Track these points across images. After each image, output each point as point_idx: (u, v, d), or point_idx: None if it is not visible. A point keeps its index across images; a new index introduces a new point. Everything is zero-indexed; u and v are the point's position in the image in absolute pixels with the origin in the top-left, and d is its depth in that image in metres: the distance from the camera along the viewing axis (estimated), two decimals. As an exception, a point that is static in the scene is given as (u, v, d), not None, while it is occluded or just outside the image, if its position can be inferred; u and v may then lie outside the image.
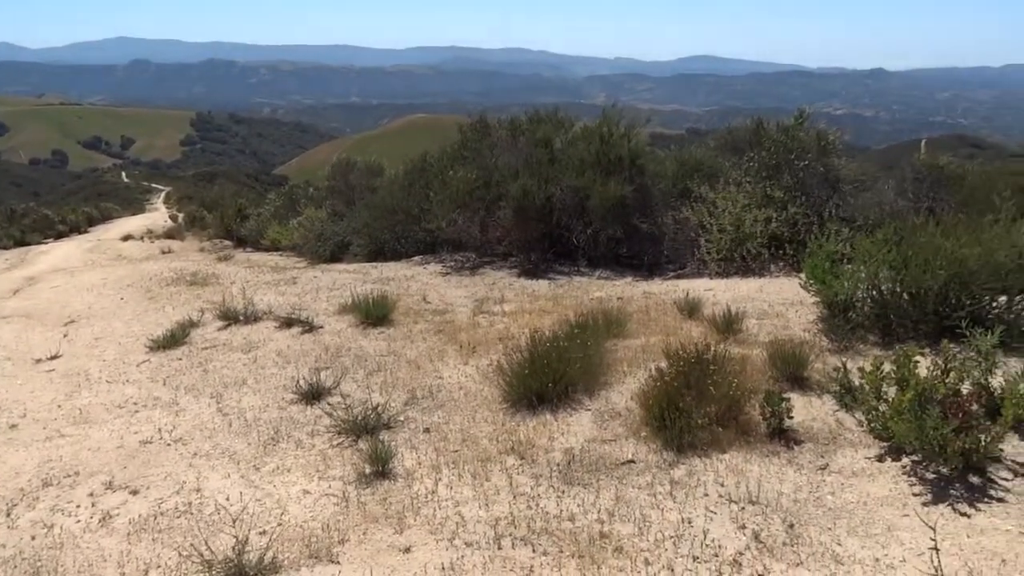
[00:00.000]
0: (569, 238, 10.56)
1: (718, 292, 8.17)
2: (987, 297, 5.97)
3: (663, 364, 5.19)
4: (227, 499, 4.30)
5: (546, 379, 5.17)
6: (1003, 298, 6.04)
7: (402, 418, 5.21)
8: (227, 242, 19.72)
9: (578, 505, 3.99)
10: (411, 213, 11.61)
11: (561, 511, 3.94)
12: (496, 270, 10.26)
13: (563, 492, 4.14)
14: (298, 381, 5.74)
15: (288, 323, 7.45)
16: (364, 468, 4.46)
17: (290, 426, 5.22)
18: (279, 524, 4.01)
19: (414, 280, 9.71)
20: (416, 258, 11.51)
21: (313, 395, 5.58)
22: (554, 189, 10.36)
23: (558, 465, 4.43)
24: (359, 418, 4.98)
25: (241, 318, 7.72)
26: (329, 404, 5.39)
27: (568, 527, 3.80)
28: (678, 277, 9.60)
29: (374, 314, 7.36)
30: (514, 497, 4.11)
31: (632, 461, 4.47)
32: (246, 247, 18.13)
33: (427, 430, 5.03)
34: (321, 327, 7.36)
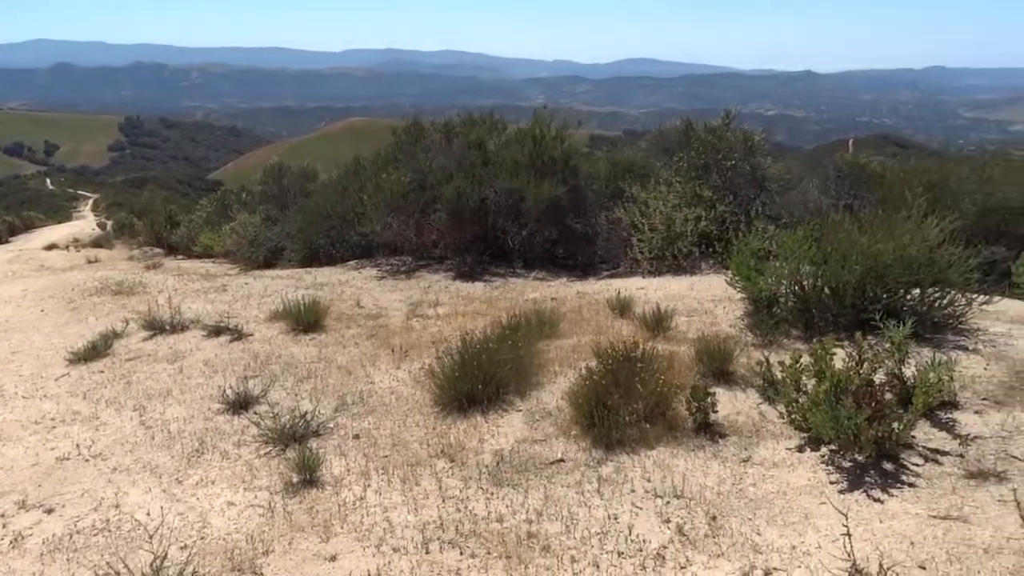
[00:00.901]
0: (504, 240, 10.61)
1: (650, 291, 8.30)
2: (901, 290, 6.22)
3: (593, 363, 5.27)
4: (147, 514, 4.17)
5: (477, 381, 5.17)
6: (916, 291, 6.29)
7: (332, 425, 5.15)
8: (157, 250, 19.20)
9: (507, 506, 4.01)
10: (345, 217, 11.48)
11: (490, 512, 3.95)
12: (432, 273, 10.22)
13: (492, 494, 4.14)
14: (225, 391, 5.61)
15: (216, 331, 7.28)
16: (291, 477, 4.39)
17: (216, 437, 5.10)
18: (201, 538, 3.91)
19: (348, 285, 9.60)
20: (351, 262, 11.39)
21: (240, 404, 5.47)
22: (488, 191, 10.38)
23: (488, 467, 4.43)
24: (287, 426, 4.89)
25: (168, 327, 7.51)
26: (257, 413, 5.29)
27: (496, 528, 3.81)
28: (612, 276, 9.72)
29: (306, 320, 7.25)
30: (443, 500, 4.10)
31: (562, 460, 4.50)
32: (177, 254, 17.68)
33: (357, 436, 4.98)
34: (251, 335, 7.21)
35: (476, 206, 10.25)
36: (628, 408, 4.68)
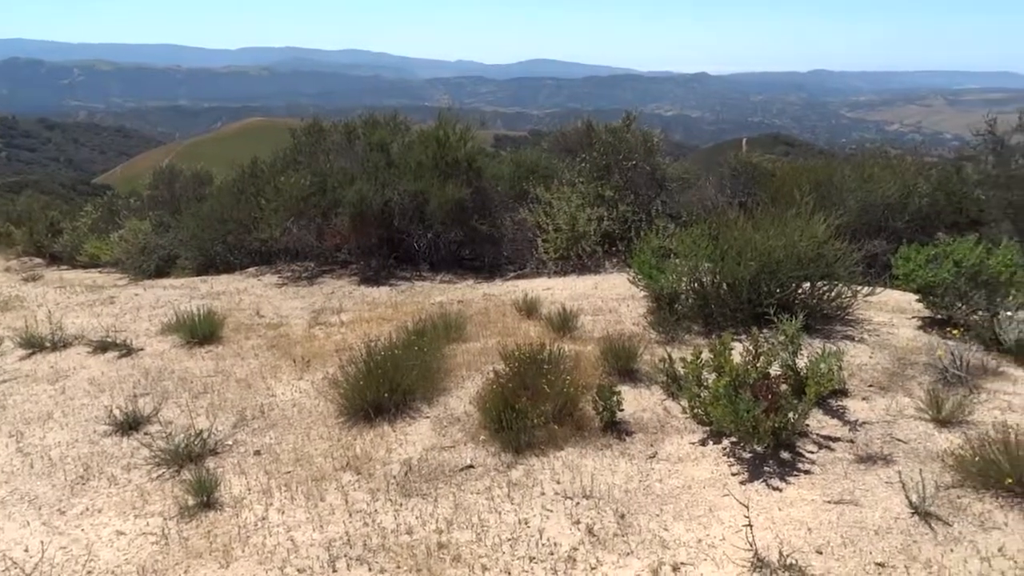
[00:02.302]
0: (410, 243, 10.47)
1: (556, 291, 8.36)
2: (793, 284, 6.48)
3: (501, 366, 5.25)
4: (25, 551, 3.86)
5: (382, 389, 5.06)
6: (806, 285, 6.58)
7: (231, 442, 4.92)
8: (38, 260, 17.91)
9: (416, 517, 3.93)
10: (243, 222, 11.04)
11: (399, 525, 3.86)
12: (336, 279, 9.97)
13: (401, 505, 4.06)
14: (113, 411, 5.27)
15: (103, 347, 6.84)
16: (187, 500, 4.16)
17: (102, 461, 4.78)
18: (87, 572, 3.65)
19: (247, 293, 9.24)
20: (251, 269, 10.97)
21: (130, 425, 5.15)
22: (392, 193, 10.21)
23: (395, 477, 4.34)
24: (182, 446, 4.65)
25: (48, 345, 7.00)
26: (148, 434, 5.01)
27: (406, 541, 3.73)
28: (518, 277, 9.75)
29: (201, 332, 6.92)
30: (350, 515, 3.98)
31: (471, 466, 4.46)
32: (60, 265, 16.56)
33: (258, 452, 4.78)
34: (141, 349, 6.82)
35: (380, 209, 10.07)
36: (536, 410, 4.69)
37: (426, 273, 10.16)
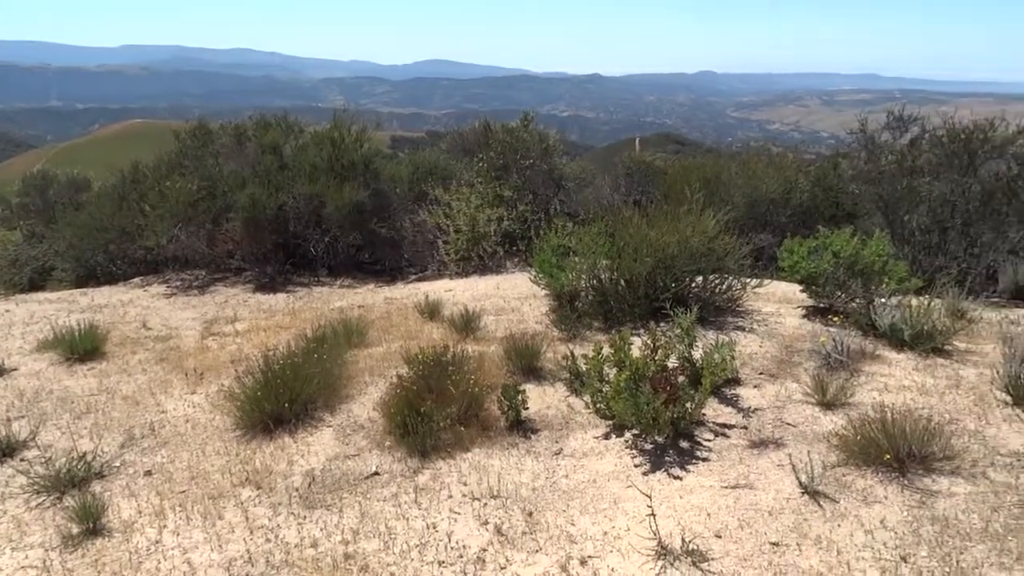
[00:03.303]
0: (307, 248, 10.21)
1: (458, 292, 8.34)
2: (686, 279, 6.72)
3: (404, 370, 5.19)
4: None
5: (282, 399, 4.90)
6: (699, 278, 6.83)
7: (118, 464, 4.65)
8: None
9: (321, 529, 3.82)
10: (125, 230, 10.46)
11: (303, 539, 3.75)
12: (229, 287, 9.60)
13: (305, 518, 3.94)
14: (-17, 436, 4.88)
15: (-30, 368, 6.34)
16: (71, 528, 3.90)
17: (-27, 492, 4.42)
18: (-42, 613, 3.37)
19: (133, 305, 8.77)
20: (136, 280, 10.41)
21: (4, 451, 4.78)
22: (286, 197, 9.93)
23: (298, 490, 4.21)
24: (63, 471, 4.35)
25: (-94, 368, 6.42)
26: (25, 459, 4.66)
27: (311, 554, 3.63)
28: (420, 280, 9.67)
29: (82, 348, 6.51)
30: (251, 532, 3.83)
31: (377, 473, 4.38)
32: (-82, 281, 15.24)
33: (149, 473, 4.54)
34: (15, 369, 6.35)
35: (274, 213, 9.77)
36: (442, 413, 4.66)
37: (325, 278, 9.93)
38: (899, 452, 3.99)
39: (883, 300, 6.28)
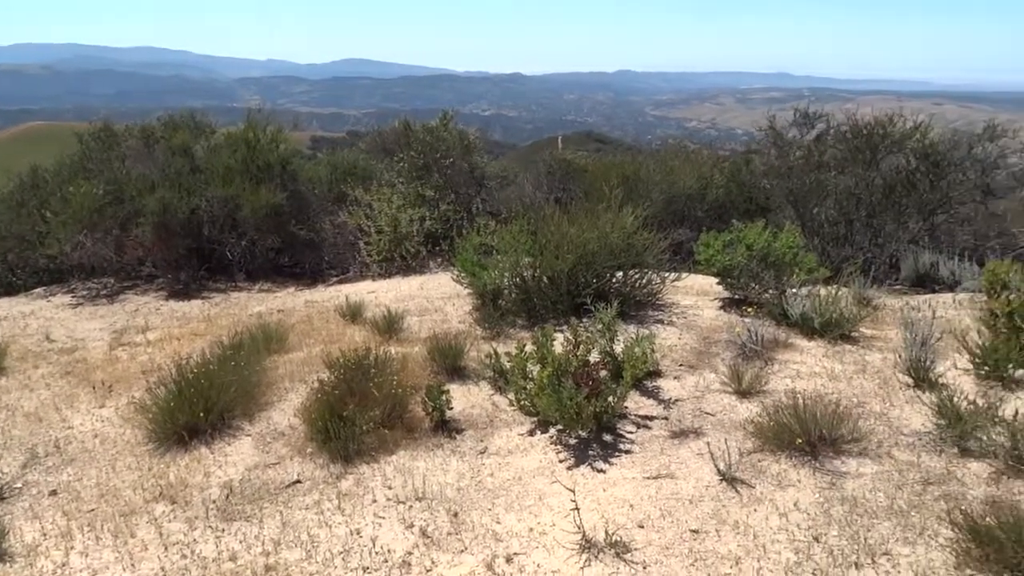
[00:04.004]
0: (223, 252, 9.90)
1: (380, 293, 8.24)
2: (607, 274, 6.81)
3: (325, 375, 5.09)
4: None
5: (197, 409, 4.74)
6: (620, 274, 6.93)
7: (20, 484, 4.40)
8: None
9: (240, 541, 3.71)
10: (25, 238, 9.92)
11: (221, 552, 3.63)
12: (140, 295, 9.22)
13: (223, 531, 3.82)
14: None
15: None
16: (-34, 555, 3.67)
17: None
18: None
19: (35, 316, 8.32)
20: (38, 290, 9.88)
21: None
22: (199, 201, 9.61)
23: (215, 502, 4.08)
24: (-42, 494, 4.09)
25: None
26: (-86, 484, 4.36)
27: (230, 568, 3.51)
28: (341, 282, 9.51)
29: (-22, 363, 6.15)
30: (165, 549, 3.68)
31: (298, 481, 4.28)
32: None
33: (54, 492, 4.31)
34: (-97, 388, 5.95)
35: (186, 217, 9.43)
36: (365, 416, 4.59)
37: (242, 283, 9.65)
38: (811, 436, 4.14)
39: (794, 290, 6.51)
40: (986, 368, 5.01)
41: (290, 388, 5.46)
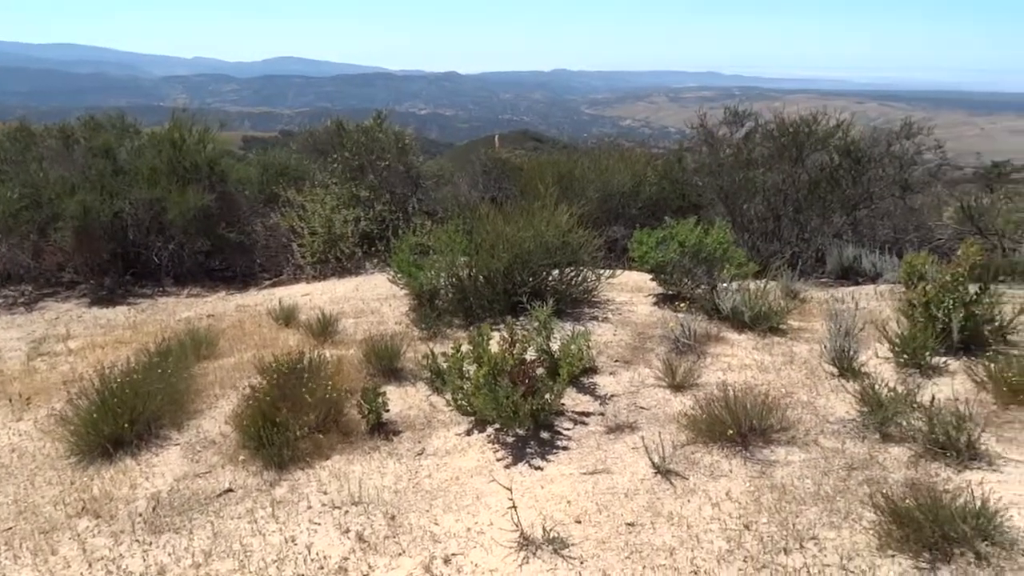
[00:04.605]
0: (149, 256, 9.57)
1: (315, 296, 8.10)
2: (543, 272, 6.84)
3: (257, 380, 4.97)
4: None
5: (121, 420, 4.57)
6: (556, 272, 6.98)
7: (-71, 504, 4.17)
8: None
9: (169, 554, 3.59)
10: (-67, 245, 9.41)
11: (148, 567, 3.50)
12: (61, 302, 8.84)
13: (150, 544, 3.69)
14: None
15: None
16: None
17: None
18: None
19: (-55, 327, 7.90)
20: (-50, 299, 9.38)
21: None
22: (123, 203, 9.27)
23: (143, 515, 3.94)
24: None
25: None
26: None
27: (158, 582, 3.40)
28: (275, 285, 9.31)
29: None
30: (89, 565, 3.54)
31: (230, 490, 4.17)
32: None
33: (-33, 511, 4.10)
34: None
35: (109, 221, 9.09)
36: (299, 421, 4.51)
37: (171, 288, 9.35)
38: (741, 427, 4.25)
39: (725, 285, 6.67)
40: (905, 356, 5.22)
41: (221, 395, 5.32)
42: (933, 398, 4.33)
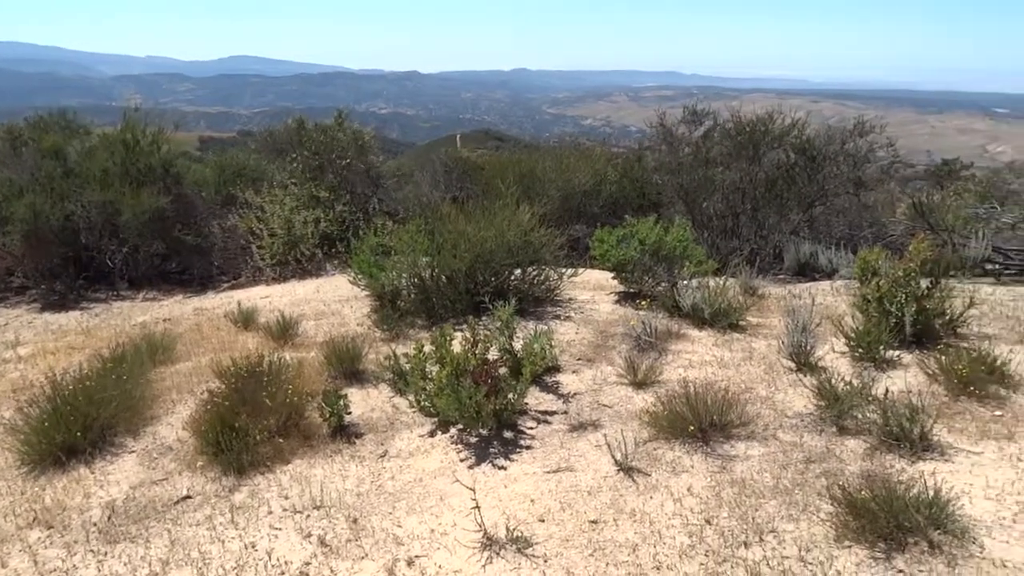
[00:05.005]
0: (103, 260, 9.36)
1: (275, 298, 8.00)
2: (505, 272, 6.84)
3: (216, 384, 4.89)
4: None
5: (74, 428, 4.46)
6: (518, 271, 6.99)
7: None
8: None
9: (125, 564, 3.51)
10: None
11: (103, 577, 3.42)
12: (10, 308, 8.60)
13: (106, 554, 3.60)
14: None
15: None
16: None
17: None
18: None
19: None
20: None
21: None
22: (74, 206, 9.05)
23: (97, 525, 3.84)
24: None
25: None
26: None
27: (113, 593, 3.32)
28: (233, 288, 9.17)
29: None
30: (41, 578, 3.45)
31: (188, 497, 4.09)
32: None
33: (-89, 525, 3.96)
34: None
35: (60, 224, 8.87)
36: (258, 426, 4.44)
37: (125, 292, 9.15)
38: (702, 423, 4.30)
39: (685, 282, 6.74)
40: (860, 350, 5.34)
41: (178, 400, 5.22)
42: (887, 391, 4.43)
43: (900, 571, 3.08)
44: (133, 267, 9.40)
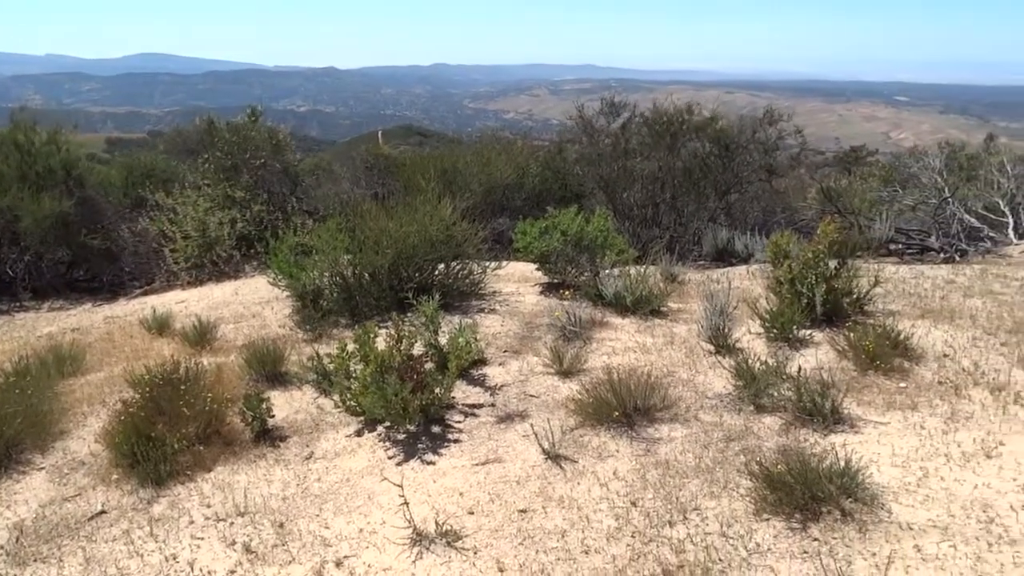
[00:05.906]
0: (3, 269, 8.86)
1: (191, 302, 7.74)
2: (429, 267, 6.80)
3: (129, 394, 4.71)
4: None
5: (-25, 447, 4.21)
6: (441, 266, 6.95)
7: None
8: None
9: (35, 586, 3.35)
10: None
11: (12, 602, 3.26)
12: (-100, 323, 8.06)
13: (14, 577, 3.43)
14: None
15: None
16: None
17: None
18: None
19: None
20: None
21: None
22: (-32, 213, 8.54)
23: (4, 547, 3.65)
24: None
25: None
26: None
27: (24, 617, 3.16)
28: (146, 294, 8.83)
29: None
30: (-58, 607, 3.25)
31: (103, 512, 3.93)
32: None
33: None
34: None
35: (-47, 233, 8.36)
36: (177, 434, 4.30)
37: (29, 302, 8.70)
38: (627, 408, 4.38)
39: (607, 271, 6.84)
40: (775, 331, 5.53)
41: (89, 412, 5.00)
42: (800, 369, 4.61)
43: (815, 539, 3.22)
44: (37, 276, 8.94)
